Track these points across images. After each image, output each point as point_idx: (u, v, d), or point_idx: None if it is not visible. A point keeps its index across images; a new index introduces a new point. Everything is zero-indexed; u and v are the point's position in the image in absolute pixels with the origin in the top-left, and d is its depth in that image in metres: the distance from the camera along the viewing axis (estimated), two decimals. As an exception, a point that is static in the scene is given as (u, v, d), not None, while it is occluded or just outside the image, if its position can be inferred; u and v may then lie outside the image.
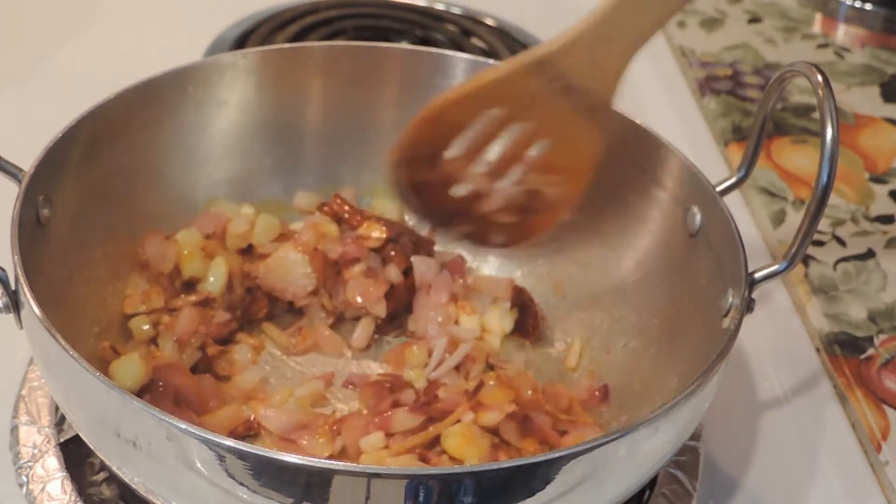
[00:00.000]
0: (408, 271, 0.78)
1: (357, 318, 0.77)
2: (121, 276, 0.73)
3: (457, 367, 0.73)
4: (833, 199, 0.92)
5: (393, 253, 0.77)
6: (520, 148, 0.71)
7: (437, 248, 0.81)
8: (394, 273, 0.76)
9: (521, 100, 0.69)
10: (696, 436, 0.71)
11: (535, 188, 0.72)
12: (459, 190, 0.73)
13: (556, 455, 0.52)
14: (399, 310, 0.77)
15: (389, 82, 0.82)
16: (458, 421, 0.65)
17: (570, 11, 1.21)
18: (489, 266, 0.82)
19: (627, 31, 0.66)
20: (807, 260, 0.87)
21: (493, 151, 0.71)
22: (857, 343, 0.80)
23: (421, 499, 0.51)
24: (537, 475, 0.52)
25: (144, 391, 0.66)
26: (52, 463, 0.65)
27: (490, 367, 0.74)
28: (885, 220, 0.93)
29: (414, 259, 0.78)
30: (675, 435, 0.59)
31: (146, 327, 0.71)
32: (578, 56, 0.67)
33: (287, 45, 0.93)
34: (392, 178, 0.73)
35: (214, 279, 0.74)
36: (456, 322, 0.77)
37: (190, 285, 0.74)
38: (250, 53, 0.81)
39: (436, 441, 0.65)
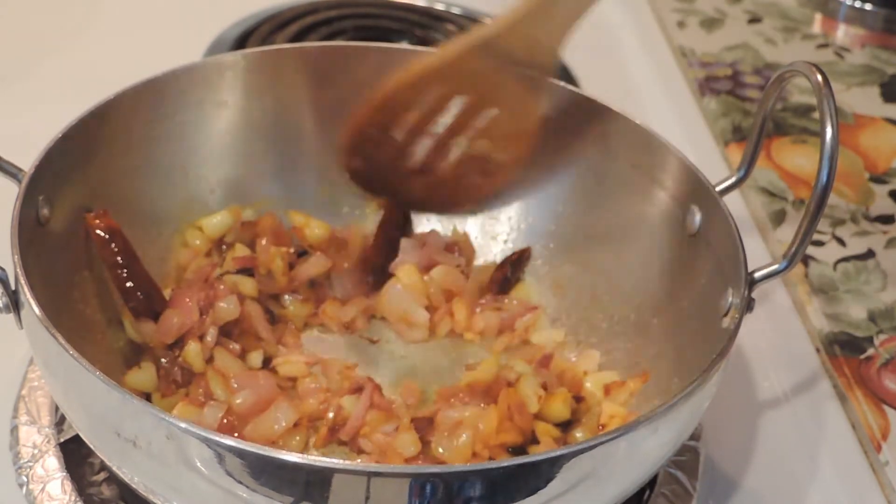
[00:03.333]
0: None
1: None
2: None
3: None
4: (833, 199, 0.92)
5: None
6: (466, 119, 0.76)
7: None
8: None
9: (466, 78, 0.74)
10: (696, 436, 0.71)
11: (483, 153, 0.77)
12: (408, 162, 0.78)
13: (557, 453, 0.52)
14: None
15: (389, 82, 0.82)
16: None
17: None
18: (488, 266, 0.82)
19: (564, 8, 0.72)
20: (807, 260, 0.87)
21: (440, 124, 0.77)
22: (857, 343, 0.80)
23: (421, 497, 0.51)
24: (537, 474, 0.52)
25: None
26: (52, 463, 0.65)
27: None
28: (885, 220, 0.93)
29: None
30: (674, 434, 0.59)
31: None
32: (520, 35, 0.72)
33: (287, 45, 0.93)
34: (342, 161, 0.78)
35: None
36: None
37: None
38: (250, 53, 0.81)
39: None
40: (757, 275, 0.65)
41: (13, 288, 0.60)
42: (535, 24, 0.72)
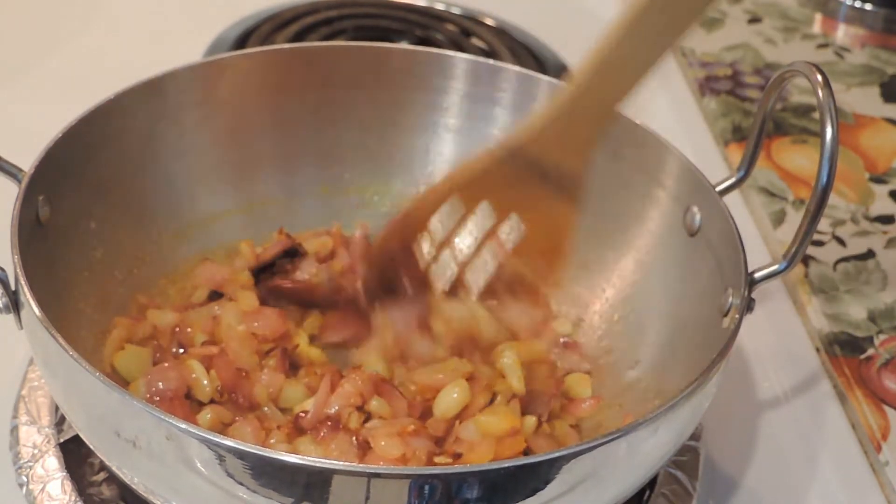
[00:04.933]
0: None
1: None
2: (120, 276, 0.73)
3: None
4: (833, 199, 0.92)
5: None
6: (495, 235, 0.70)
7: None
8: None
9: (495, 191, 0.69)
10: (696, 436, 0.71)
11: (515, 271, 0.71)
12: (438, 283, 0.72)
13: (557, 454, 0.52)
14: None
15: (389, 82, 0.82)
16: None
17: (569, 11, 1.22)
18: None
19: (593, 110, 0.66)
20: (807, 260, 0.87)
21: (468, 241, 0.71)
22: (857, 343, 0.80)
23: (420, 498, 0.51)
24: (537, 474, 0.52)
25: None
26: (52, 463, 0.65)
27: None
28: (885, 220, 0.93)
29: None
30: (675, 434, 0.59)
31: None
32: (548, 141, 0.67)
33: (287, 45, 0.93)
34: (364, 282, 0.72)
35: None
36: None
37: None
38: (250, 53, 0.81)
39: None
40: (757, 275, 0.65)
41: (13, 288, 0.60)
42: (565, 129, 0.66)
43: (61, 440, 0.66)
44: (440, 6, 1.17)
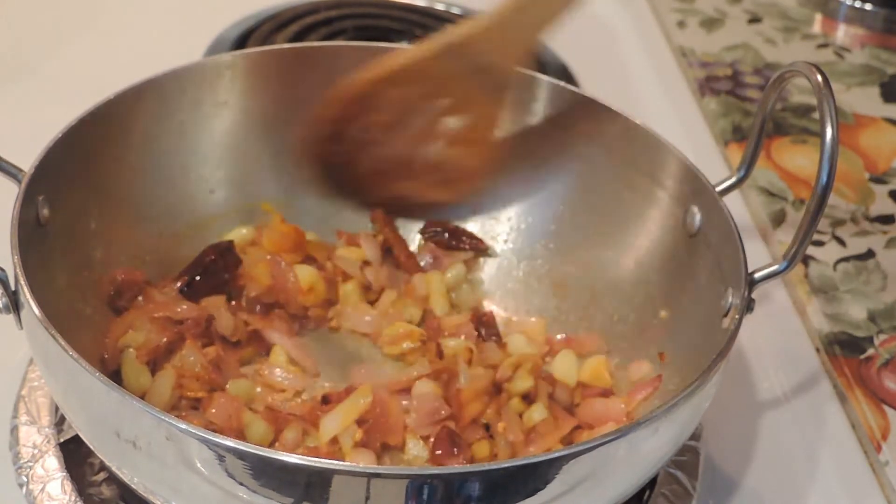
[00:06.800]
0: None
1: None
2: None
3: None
4: (833, 199, 0.92)
5: None
6: (428, 123, 0.77)
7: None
8: None
9: (433, 80, 0.75)
10: (696, 436, 0.71)
11: (443, 160, 0.78)
12: (367, 163, 0.78)
13: (557, 455, 0.52)
14: None
15: (389, 82, 0.82)
16: None
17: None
18: (489, 266, 0.82)
19: (533, 17, 0.73)
20: (807, 260, 0.87)
21: (404, 127, 0.77)
22: (857, 343, 0.80)
23: (421, 498, 0.51)
24: (537, 475, 0.52)
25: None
26: (52, 463, 0.65)
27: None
28: (885, 220, 0.93)
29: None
30: (674, 434, 0.59)
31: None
32: (491, 40, 0.73)
33: (287, 45, 0.93)
34: (303, 156, 0.78)
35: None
36: None
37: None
38: (250, 53, 0.81)
39: None
40: (757, 275, 0.65)
41: (13, 288, 0.60)
42: (508, 31, 0.73)
43: (61, 440, 0.66)
44: (440, 6, 1.17)
